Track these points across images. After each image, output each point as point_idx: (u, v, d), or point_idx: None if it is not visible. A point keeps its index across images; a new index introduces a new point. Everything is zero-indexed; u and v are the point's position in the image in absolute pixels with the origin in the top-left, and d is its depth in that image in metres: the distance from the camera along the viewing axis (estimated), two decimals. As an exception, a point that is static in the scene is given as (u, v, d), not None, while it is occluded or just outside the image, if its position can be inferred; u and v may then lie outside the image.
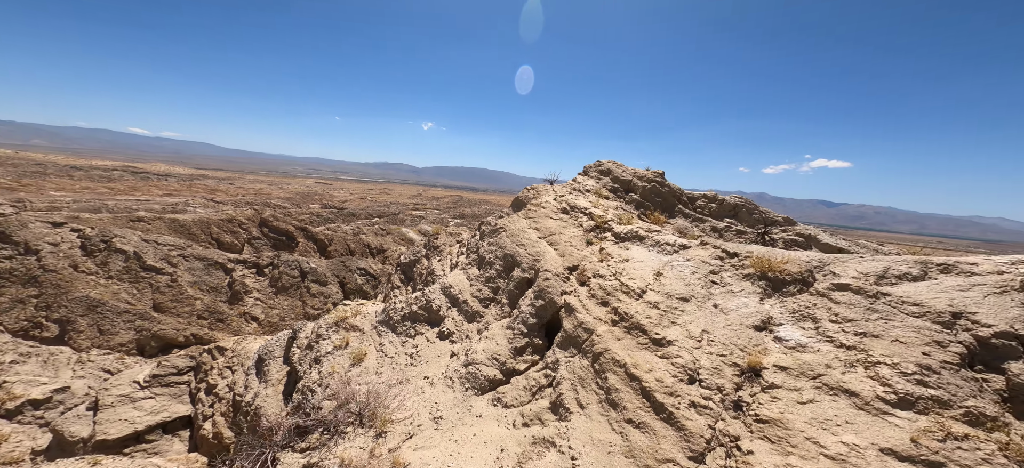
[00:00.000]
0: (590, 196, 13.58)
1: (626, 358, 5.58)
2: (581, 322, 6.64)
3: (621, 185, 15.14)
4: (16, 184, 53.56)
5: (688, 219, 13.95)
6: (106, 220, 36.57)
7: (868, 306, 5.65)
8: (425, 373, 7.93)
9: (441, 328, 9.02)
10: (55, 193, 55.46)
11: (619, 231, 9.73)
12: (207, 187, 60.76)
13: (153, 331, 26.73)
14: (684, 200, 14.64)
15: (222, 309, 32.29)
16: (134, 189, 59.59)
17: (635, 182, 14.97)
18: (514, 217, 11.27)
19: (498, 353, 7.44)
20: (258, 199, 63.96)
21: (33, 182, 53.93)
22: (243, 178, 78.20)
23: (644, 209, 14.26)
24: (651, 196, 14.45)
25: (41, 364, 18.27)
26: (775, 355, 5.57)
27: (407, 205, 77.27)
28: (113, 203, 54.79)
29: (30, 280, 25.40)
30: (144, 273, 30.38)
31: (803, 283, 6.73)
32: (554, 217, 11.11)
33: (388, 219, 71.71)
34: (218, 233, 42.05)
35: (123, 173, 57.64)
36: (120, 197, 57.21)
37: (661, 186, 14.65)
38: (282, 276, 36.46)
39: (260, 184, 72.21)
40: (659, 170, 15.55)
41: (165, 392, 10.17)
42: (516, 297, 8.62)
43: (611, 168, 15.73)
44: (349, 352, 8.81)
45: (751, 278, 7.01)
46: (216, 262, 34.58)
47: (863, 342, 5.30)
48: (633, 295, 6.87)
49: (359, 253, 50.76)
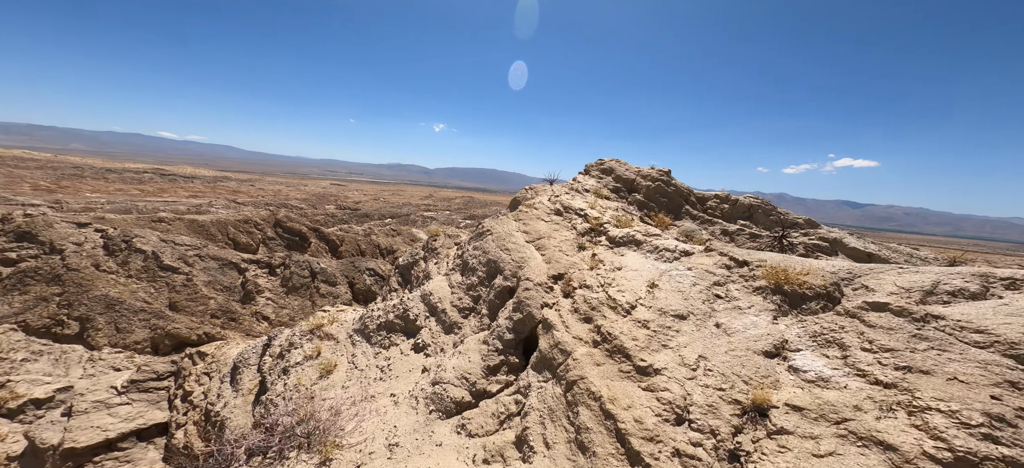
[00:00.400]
0: (588, 196, 12.52)
1: (603, 389, 4.60)
2: (558, 341, 5.68)
3: (624, 184, 13.99)
4: (55, 186, 56.49)
5: (696, 221, 12.67)
6: (130, 221, 37.87)
7: (914, 332, 4.45)
8: (392, 390, 7.14)
9: (417, 339, 8.22)
10: (90, 194, 58.25)
11: (614, 235, 8.68)
12: (230, 188, 62.79)
13: (167, 329, 27.19)
14: (692, 200, 13.35)
15: (235, 308, 32.72)
16: (162, 190, 62.09)
17: (638, 181, 13.79)
18: (502, 219, 10.37)
19: (469, 372, 6.56)
20: (277, 200, 65.53)
21: (71, 184, 56.81)
22: (263, 180, 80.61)
23: (648, 210, 13.07)
24: (656, 196, 13.24)
25: (53, 362, 18.64)
26: (788, 390, 4.46)
27: (419, 206, 77.58)
28: (143, 204, 57.18)
29: (54, 279, 26.29)
30: (161, 272, 31.08)
31: (828, 299, 5.54)
32: (546, 219, 10.14)
33: (400, 220, 72.11)
34: (235, 233, 42.96)
35: (153, 175, 60.34)
36: (149, 198, 59.58)
37: (667, 185, 13.42)
38: (293, 276, 36.76)
39: (279, 185, 74.16)
40: (665, 168, 14.31)
41: (143, 398, 9.89)
42: (496, 308, 7.72)
43: (613, 166, 14.60)
44: (319, 363, 8.14)
45: (763, 292, 5.87)
46: (230, 262, 35.18)
47: (907, 379, 4.13)
48: (620, 311, 5.84)
49: (369, 253, 50.99)
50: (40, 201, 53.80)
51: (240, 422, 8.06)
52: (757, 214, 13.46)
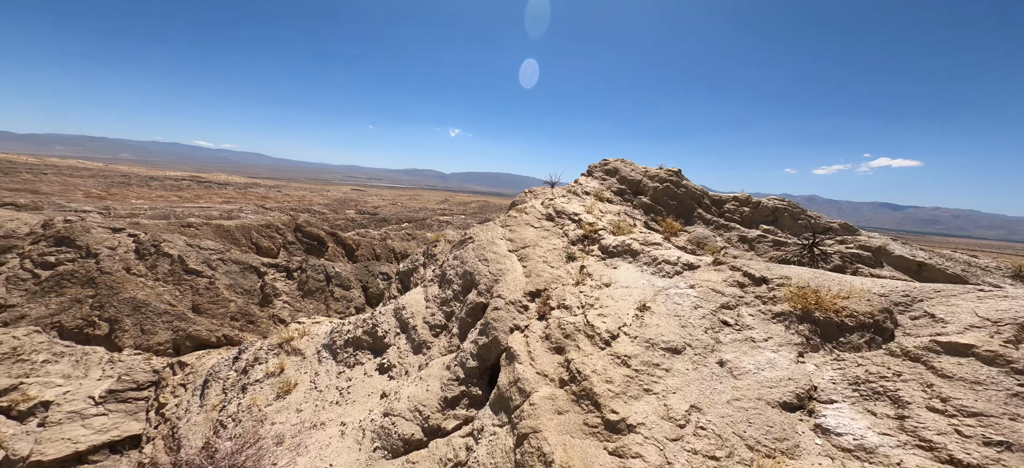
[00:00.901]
0: (587, 199, 11.24)
1: (557, 451, 3.43)
2: (518, 378, 4.54)
3: (629, 186, 12.60)
4: (105, 193, 60.35)
5: (710, 226, 11.10)
6: (162, 226, 39.61)
7: (1016, 389, 3.01)
8: (346, 417, 6.22)
9: (383, 359, 7.29)
10: (136, 201, 62.00)
11: (608, 243, 7.43)
12: (259, 194, 65.32)
13: (188, 331, 27.82)
14: (705, 203, 11.77)
15: (253, 311, 33.29)
16: (198, 197, 65.42)
17: (645, 183, 12.36)
18: (488, 226, 9.31)
19: (424, 403, 5.53)
20: (301, 205, 67.59)
21: (119, 191, 60.68)
22: (289, 186, 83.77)
23: (655, 214, 11.62)
24: (663, 199, 11.77)
25: (73, 364, 19.16)
26: (812, 460, 3.13)
27: (434, 211, 77.96)
28: (180, 209, 60.38)
29: (88, 281, 27.55)
30: (186, 275, 32.07)
31: (875, 331, 4.12)
32: (536, 225, 9.00)
33: (416, 224, 72.57)
34: (257, 238, 44.19)
35: (190, 182, 63.91)
36: (186, 204, 62.72)
37: (676, 187, 11.91)
38: (309, 280, 37.17)
39: (303, 191, 76.58)
40: (674, 168, 12.78)
41: (121, 409, 9.59)
42: (467, 327, 6.66)
43: (618, 167, 13.23)
44: (279, 381, 7.38)
45: (785, 319, 4.50)
46: (250, 266, 36.00)
47: (1004, 462, 2.74)
48: (598, 341, 4.64)
49: (384, 258, 51.33)
50: (91, 207, 57.84)
51: (196, 441, 7.41)
52: (782, 218, 11.70)
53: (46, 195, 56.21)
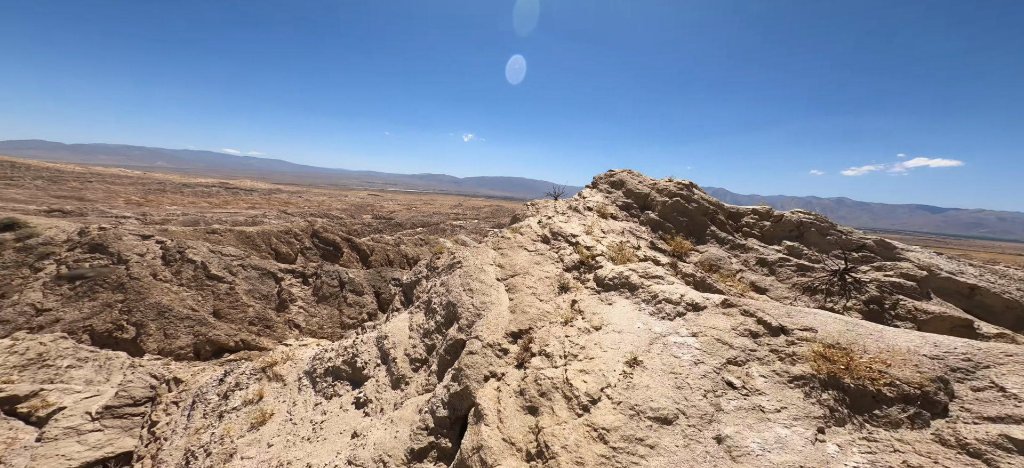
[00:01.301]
0: (589, 216, 10.47)
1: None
2: (482, 444, 3.89)
3: (636, 200, 11.73)
4: (143, 200, 63.64)
5: (725, 246, 10.10)
6: (189, 233, 41.17)
7: None
8: (313, 457, 5.75)
9: (361, 392, 6.80)
10: (169, 207, 65.15)
11: (604, 275, 6.67)
12: (281, 200, 67.65)
13: (208, 336, 28.57)
14: (719, 219, 10.77)
15: (270, 316, 33.99)
16: (226, 203, 68.19)
17: (653, 196, 11.46)
18: (479, 248, 8.72)
19: (390, 453, 4.96)
20: (320, 211, 69.39)
21: (155, 198, 63.95)
22: (309, 191, 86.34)
23: (664, 232, 10.71)
24: (673, 215, 10.85)
25: (96, 369, 19.82)
26: None
27: (448, 215, 78.34)
28: (210, 215, 63.04)
29: (118, 287, 28.78)
30: (208, 281, 33.08)
31: (922, 403, 3.24)
32: (529, 248, 8.34)
33: (430, 229, 73.07)
34: (276, 244, 45.36)
35: (219, 189, 66.87)
36: (215, 210, 65.40)
37: (686, 202, 10.97)
38: (323, 286, 37.70)
39: (322, 197, 78.78)
40: (685, 180, 11.81)
41: (117, 425, 9.61)
42: (446, 366, 6.08)
43: (624, 179, 12.38)
44: (255, 411, 7.02)
45: (805, 384, 3.66)
46: (268, 272, 36.85)
47: None
48: (576, 405, 3.93)
49: (397, 263, 51.72)
50: (130, 213, 61.22)
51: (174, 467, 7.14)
52: (808, 234, 10.54)
53: (91, 202, 59.95)
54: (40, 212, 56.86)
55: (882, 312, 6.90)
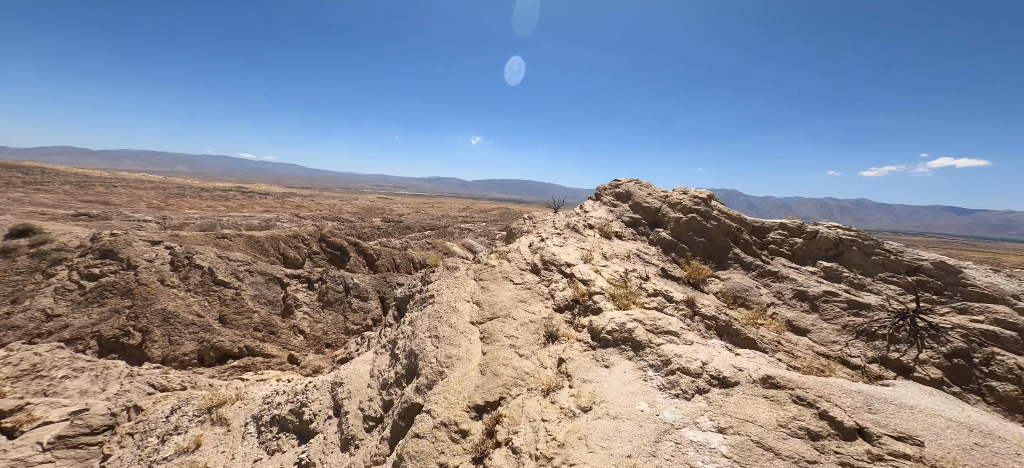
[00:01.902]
0: (590, 236, 9.03)
1: None
2: None
3: (645, 216, 10.21)
4: (163, 204, 64.87)
5: (752, 272, 8.51)
6: (198, 238, 41.25)
7: None
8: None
9: (305, 451, 5.59)
10: (188, 211, 66.25)
11: (602, 325, 5.28)
12: (294, 203, 68.12)
13: (212, 342, 28.15)
14: (744, 239, 9.18)
15: (275, 322, 33.57)
16: (242, 206, 69.03)
17: (665, 212, 9.93)
18: (458, 278, 7.41)
19: None
20: (331, 214, 69.53)
21: (175, 202, 65.13)
22: (321, 195, 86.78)
23: (677, 254, 9.18)
24: (688, 234, 9.30)
25: (92, 379, 19.33)
26: None
27: (456, 218, 77.47)
28: (226, 219, 63.80)
29: (126, 292, 28.66)
30: (215, 287, 32.81)
31: None
32: (516, 279, 7.00)
33: (438, 231, 72.37)
34: (284, 248, 45.19)
35: (235, 193, 67.68)
36: (231, 213, 66.17)
37: (705, 218, 9.40)
38: (329, 291, 37.17)
39: (334, 200, 79.05)
40: (702, 192, 10.23)
41: (70, 456, 8.74)
42: (399, 435, 4.79)
43: (631, 190, 10.87)
44: (187, 464, 5.88)
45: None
46: (274, 277, 36.49)
47: None
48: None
49: (404, 268, 51.01)
50: (151, 216, 62.48)
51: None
52: (849, 253, 8.86)
53: (115, 206, 61.44)
54: (67, 216, 58.44)
55: (970, 369, 5.27)
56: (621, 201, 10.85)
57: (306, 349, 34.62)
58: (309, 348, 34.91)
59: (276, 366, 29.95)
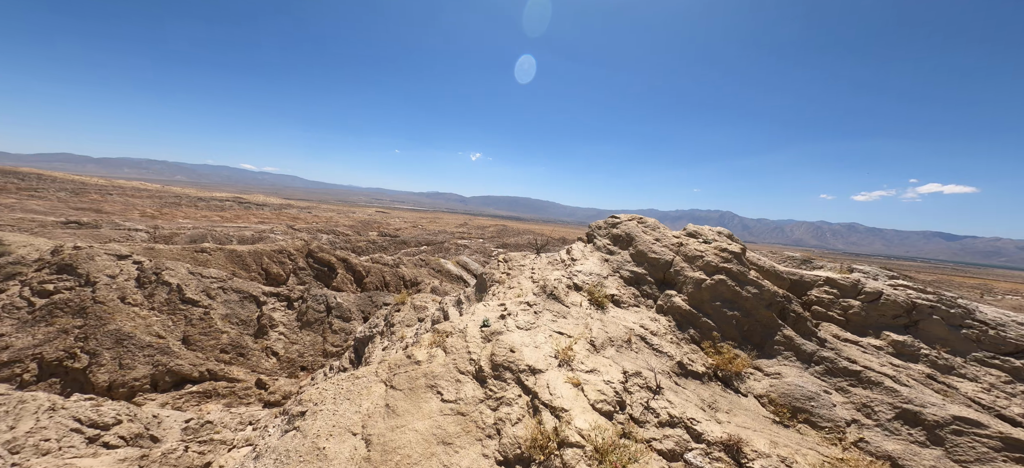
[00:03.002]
0: (575, 302, 6.11)
1: None
2: None
3: (651, 271, 7.29)
4: (158, 213, 62.24)
5: (811, 364, 5.56)
6: (174, 252, 38.32)
7: None
8: None
9: None
10: (182, 220, 63.59)
11: None
12: (291, 215, 65.51)
13: (169, 366, 24.83)
14: (794, 313, 6.25)
15: (246, 343, 30.28)
16: (238, 217, 66.44)
17: (680, 268, 7.01)
18: (361, 378, 4.45)
19: None
20: (328, 227, 66.83)
21: (170, 211, 62.54)
22: (319, 207, 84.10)
23: (697, 330, 6.23)
24: (714, 303, 6.36)
25: (2, 414, 16.11)
26: None
27: (454, 234, 74.63)
28: (220, 229, 61.11)
29: (79, 311, 25.59)
30: (182, 305, 29.71)
31: None
32: (448, 390, 4.12)
33: (435, 247, 69.47)
34: (268, 264, 42.23)
35: (232, 203, 65.09)
36: (227, 224, 63.51)
37: (739, 282, 6.48)
38: (308, 310, 34.01)
39: (331, 213, 76.44)
40: (735, 246, 7.29)
41: None
42: None
43: (633, 234, 7.97)
44: None
45: None
46: (250, 295, 33.43)
47: None
48: None
49: (393, 286, 47.90)
50: (143, 225, 59.83)
51: None
52: (928, 324, 5.92)
53: (108, 214, 58.93)
54: (56, 224, 55.77)
55: None
56: (620, 247, 7.96)
57: (278, 372, 31.06)
58: (282, 371, 31.29)
59: (241, 392, 26.34)
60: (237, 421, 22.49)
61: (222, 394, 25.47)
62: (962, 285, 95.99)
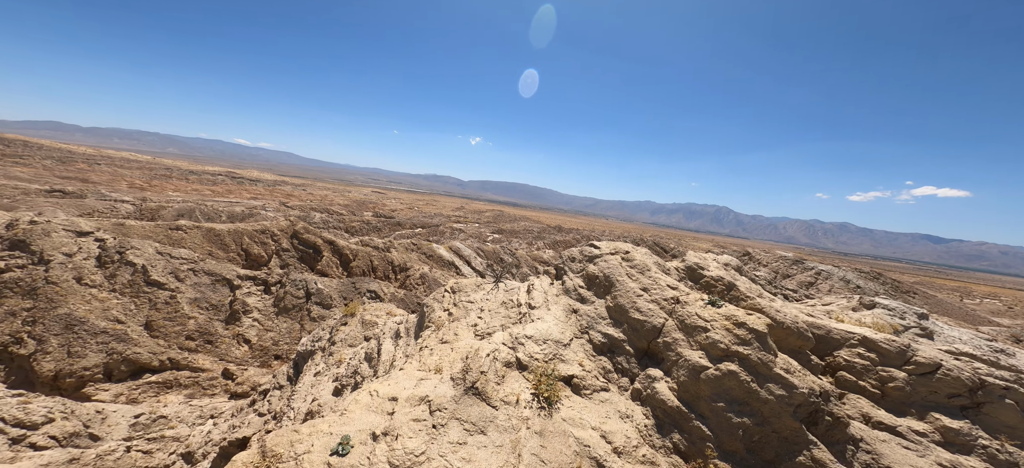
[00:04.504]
0: (511, 406, 3.41)
1: None
2: None
3: (632, 336, 4.53)
4: (147, 185, 59.14)
5: None
6: (145, 229, 35.53)
7: None
8: None
9: None
10: (172, 193, 60.57)
11: None
12: (285, 192, 62.53)
13: (125, 354, 22.45)
14: (830, 416, 3.44)
15: (215, 329, 27.84)
16: (229, 192, 63.39)
17: (671, 340, 4.24)
18: None
19: None
20: (322, 205, 63.92)
21: (159, 183, 59.45)
22: (314, 185, 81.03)
23: (687, 438, 3.48)
24: (716, 403, 3.60)
25: None
26: None
27: (449, 217, 71.82)
28: (210, 203, 58.19)
29: (30, 292, 23.08)
30: (147, 287, 27.13)
31: None
32: None
33: (430, 230, 66.78)
34: (248, 244, 39.50)
35: (224, 178, 61.96)
36: (217, 199, 60.55)
37: (756, 375, 3.70)
38: (286, 295, 31.50)
39: (326, 191, 73.25)
40: (758, 317, 4.47)
41: None
42: None
43: (613, 276, 5.17)
44: None
45: None
46: (223, 278, 30.82)
47: None
48: None
49: (381, 270, 45.50)
50: (129, 197, 56.84)
51: None
52: (996, 410, 3.18)
53: (94, 184, 55.88)
54: (40, 192, 52.78)
55: None
56: (595, 292, 5.21)
57: (250, 361, 28.54)
58: (254, 360, 28.75)
59: (206, 382, 24.00)
60: (197, 414, 20.08)
61: (184, 384, 23.14)
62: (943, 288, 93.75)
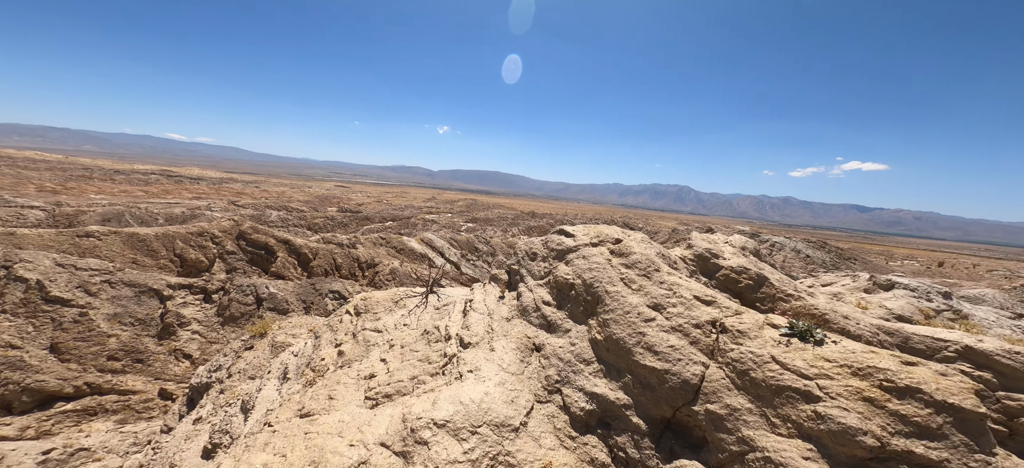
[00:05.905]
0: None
1: None
2: None
3: (644, 403, 2.63)
4: (61, 187, 50.28)
5: None
6: (43, 238, 29.53)
7: None
8: None
9: None
10: (95, 196, 52.03)
11: None
12: (234, 190, 55.46)
13: (25, 384, 18.03)
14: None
15: (146, 346, 23.43)
16: (167, 192, 55.46)
17: (730, 414, 2.31)
18: None
19: None
20: (279, 202, 57.75)
21: (77, 185, 50.64)
22: (268, 181, 73.12)
23: None
24: None
25: None
26: None
27: (421, 208, 67.78)
28: (144, 206, 50.50)
29: None
30: (46, 306, 22.20)
31: None
32: None
33: (400, 223, 62.77)
34: (183, 248, 34.21)
35: (159, 177, 53.70)
36: (152, 200, 52.70)
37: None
38: (232, 303, 27.32)
39: (283, 187, 66.29)
40: None
41: None
42: None
43: (599, 289, 3.25)
44: None
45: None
46: (149, 288, 26.15)
47: None
48: None
49: (347, 269, 41.77)
50: (40, 202, 47.99)
51: None
52: None
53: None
54: (-88, 198, 43.02)
55: None
56: (569, 312, 3.18)
57: (192, 379, 24.40)
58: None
59: (139, 405, 20.02)
60: (129, 442, 16.56)
61: (112, 409, 19.16)
62: (871, 252, 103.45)
